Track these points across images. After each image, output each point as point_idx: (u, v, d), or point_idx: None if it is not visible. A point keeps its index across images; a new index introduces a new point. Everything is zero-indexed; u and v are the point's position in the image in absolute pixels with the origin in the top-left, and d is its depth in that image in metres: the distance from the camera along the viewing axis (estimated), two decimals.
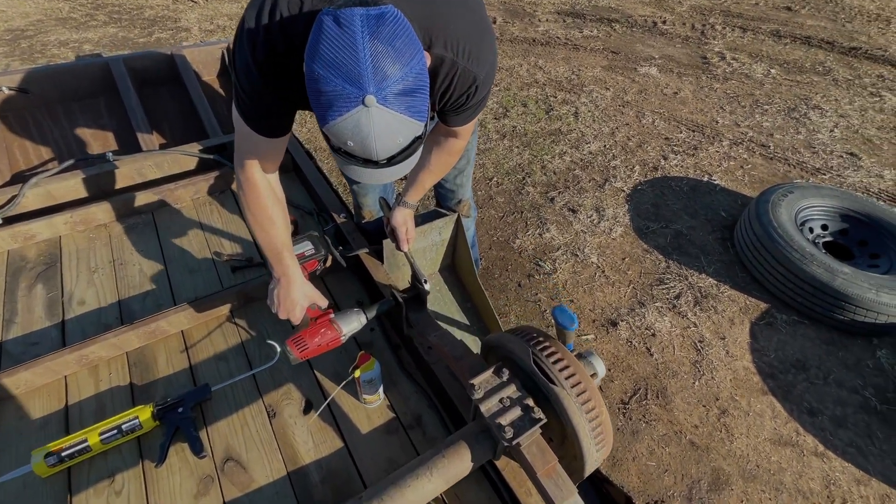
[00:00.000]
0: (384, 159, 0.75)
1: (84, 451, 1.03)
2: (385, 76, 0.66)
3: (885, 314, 1.95)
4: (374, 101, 0.66)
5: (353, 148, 0.72)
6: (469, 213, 1.71)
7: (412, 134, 0.74)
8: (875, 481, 1.63)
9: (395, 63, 0.67)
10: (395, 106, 0.68)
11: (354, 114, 0.67)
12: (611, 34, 4.94)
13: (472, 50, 0.93)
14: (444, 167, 1.29)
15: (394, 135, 0.71)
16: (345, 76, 0.66)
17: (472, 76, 0.95)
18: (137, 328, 1.25)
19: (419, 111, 0.72)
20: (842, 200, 2.44)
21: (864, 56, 4.43)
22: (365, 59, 0.65)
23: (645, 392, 1.87)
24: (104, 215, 1.64)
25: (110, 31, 4.79)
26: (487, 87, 1.02)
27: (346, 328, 1.14)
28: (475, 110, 1.07)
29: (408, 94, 0.69)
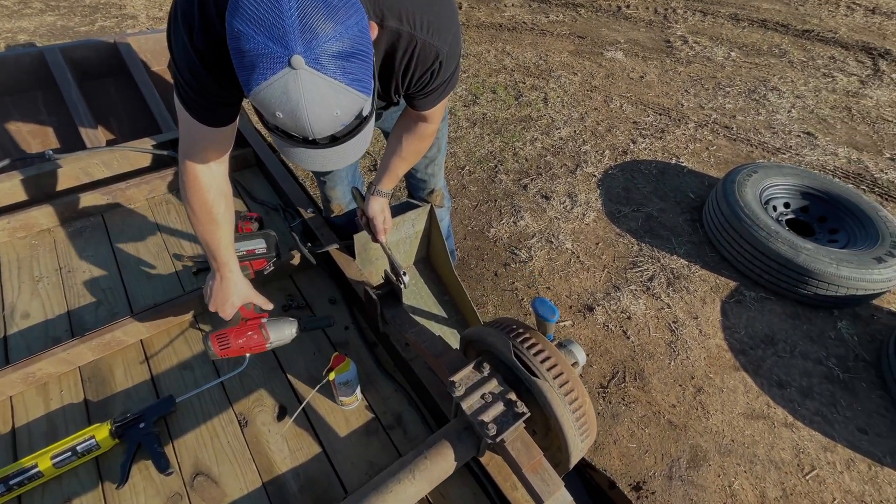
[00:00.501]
0: (325, 138, 0.68)
1: (35, 478, 0.95)
2: (315, 34, 0.58)
3: (845, 287, 2.03)
4: (303, 63, 0.58)
5: (285, 122, 0.64)
6: (442, 202, 1.67)
7: (353, 108, 0.66)
8: (840, 447, 1.71)
9: (328, 20, 0.59)
10: (329, 70, 0.60)
11: (281, 77, 0.59)
12: (576, 19, 4.94)
13: (430, 21, 0.86)
14: (416, 153, 1.23)
15: (329, 106, 0.63)
16: (268, 33, 0.58)
17: (433, 50, 0.89)
18: (90, 340, 1.16)
19: (360, 80, 0.64)
20: (802, 179, 2.53)
21: (817, 38, 4.59)
22: (291, 14, 0.57)
23: (623, 375, 1.89)
24: (47, 219, 1.51)
25: (48, 19, 4.44)
26: (454, 63, 0.96)
27: (273, 336, 1.10)
28: (443, 91, 1.01)
29: (344, 57, 0.61)
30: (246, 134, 1.81)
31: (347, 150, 0.73)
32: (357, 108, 0.67)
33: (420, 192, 1.61)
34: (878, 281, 2.00)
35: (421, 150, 1.22)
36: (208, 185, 0.98)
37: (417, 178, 1.58)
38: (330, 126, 0.66)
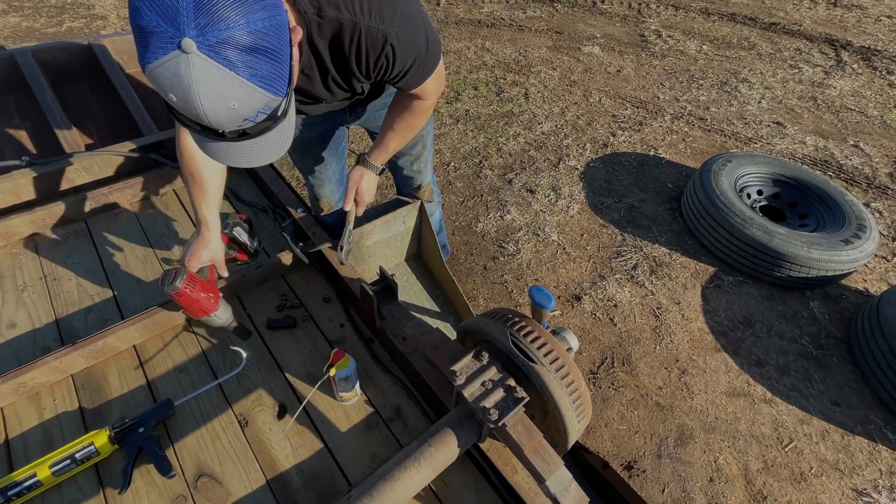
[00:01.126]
0: (232, 132, 0.67)
1: (34, 487, 0.94)
2: (212, 20, 0.56)
3: (816, 268, 2.14)
4: (194, 47, 0.56)
5: (180, 105, 0.62)
6: (431, 197, 1.69)
7: (254, 104, 0.63)
8: (815, 419, 1.81)
9: (230, 8, 0.57)
10: (225, 60, 0.58)
11: (171, 59, 0.57)
12: (553, 14, 5.00)
13: (371, 4, 0.83)
14: (409, 128, 1.20)
15: (224, 97, 0.60)
16: (161, 11, 0.56)
17: (379, 34, 0.85)
18: (82, 348, 1.14)
19: (264, 78, 0.62)
20: (773, 167, 2.63)
21: (783, 31, 4.76)
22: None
23: (611, 360, 1.95)
24: (27, 227, 1.47)
25: (11, 20, 4.27)
26: (413, 43, 0.91)
27: (221, 311, 1.13)
28: (418, 71, 0.98)
29: (247, 50, 0.59)
30: None
31: (261, 146, 0.72)
32: (260, 105, 0.65)
33: (407, 188, 1.63)
34: (845, 262, 2.11)
35: (415, 124, 1.19)
36: (193, 151, 1.05)
37: (404, 175, 1.59)
38: (229, 119, 0.64)
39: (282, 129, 0.73)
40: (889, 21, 4.92)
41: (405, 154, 1.54)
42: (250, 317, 1.32)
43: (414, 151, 1.53)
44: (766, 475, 1.64)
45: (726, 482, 1.61)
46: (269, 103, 0.66)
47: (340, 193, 1.67)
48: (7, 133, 1.78)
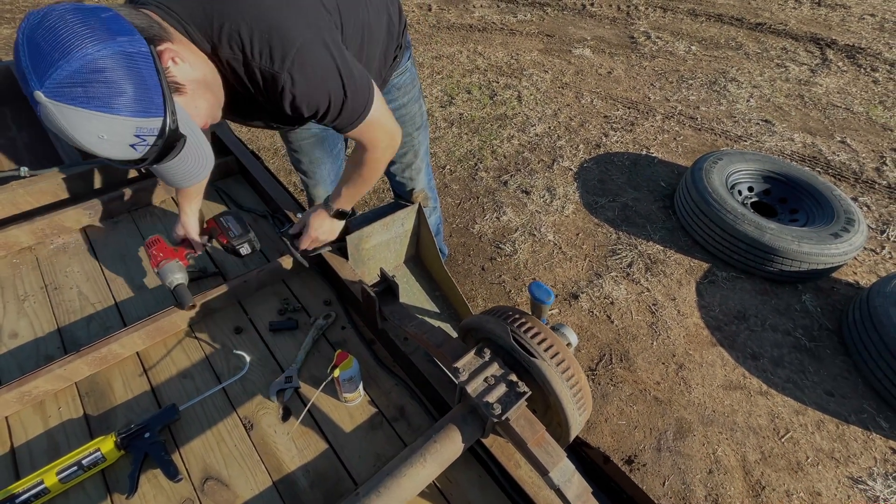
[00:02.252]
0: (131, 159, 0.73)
1: (41, 495, 0.95)
2: (46, 68, 0.63)
3: (807, 262, 2.18)
4: (44, 97, 0.63)
5: (80, 146, 0.69)
6: (427, 202, 1.71)
7: (121, 129, 0.67)
8: (811, 410, 1.84)
9: (62, 53, 0.63)
10: (70, 98, 0.63)
11: (43, 111, 0.65)
12: (544, 17, 5.06)
13: (262, 48, 0.81)
14: (361, 181, 1.19)
15: (89, 130, 0.66)
16: (21, 78, 0.65)
17: (272, 77, 0.83)
18: (86, 355, 1.15)
19: (125, 106, 0.66)
20: (763, 163, 2.68)
21: (769, 31, 4.85)
22: (24, 56, 0.63)
23: (610, 357, 1.98)
24: (27, 237, 1.48)
25: (4, 32, 4.27)
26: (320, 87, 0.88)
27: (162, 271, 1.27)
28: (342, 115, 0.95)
29: (84, 83, 0.64)
30: (228, 142, 1.81)
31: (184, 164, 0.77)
32: (132, 130, 0.69)
33: (402, 192, 1.66)
34: (835, 255, 2.15)
35: (366, 177, 1.18)
36: None
37: (396, 181, 1.63)
38: (117, 149, 0.70)
39: (193, 147, 0.77)
40: (872, 19, 5.03)
41: (396, 162, 1.56)
42: (252, 321, 1.33)
43: (405, 160, 1.55)
44: (764, 465, 1.67)
45: (725, 473, 1.64)
46: (143, 125, 0.70)
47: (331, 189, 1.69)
48: (4, 144, 1.79)
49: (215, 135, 1.82)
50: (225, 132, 1.85)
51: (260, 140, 3.23)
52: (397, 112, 1.43)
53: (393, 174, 1.59)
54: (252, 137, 3.25)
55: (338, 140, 1.57)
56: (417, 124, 1.52)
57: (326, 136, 1.50)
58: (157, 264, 1.27)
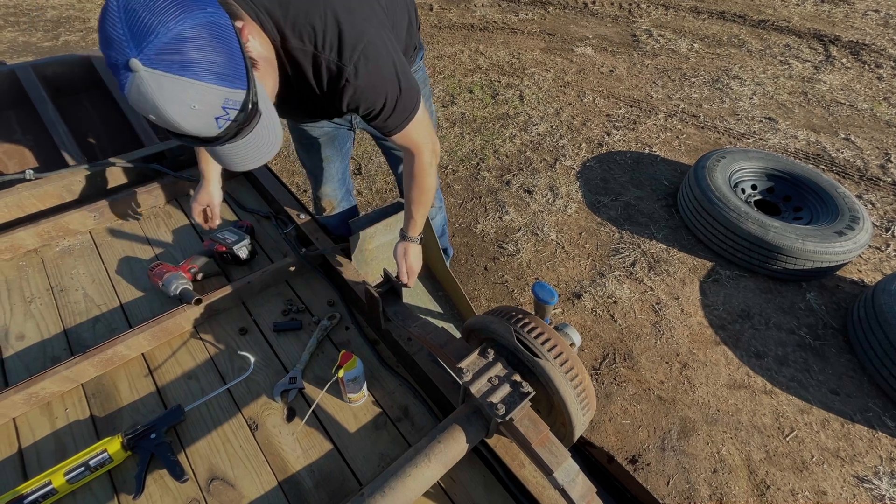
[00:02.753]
0: (212, 136, 0.72)
1: (49, 495, 0.95)
2: (145, 36, 0.62)
3: (811, 260, 2.17)
4: (140, 65, 0.62)
5: (158, 122, 0.68)
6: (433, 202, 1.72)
7: (213, 100, 0.67)
8: (815, 409, 1.83)
9: (156, 22, 0.62)
10: (168, 66, 0.63)
11: (132, 83, 0.63)
12: (545, 16, 5.05)
13: (332, 41, 0.86)
14: (422, 191, 1.22)
15: (183, 101, 0.65)
16: (110, 45, 0.63)
17: (337, 69, 0.88)
18: (92, 357, 1.16)
19: (213, 72, 0.66)
20: (766, 161, 2.67)
21: (772, 28, 4.82)
22: (122, 25, 0.62)
23: (613, 356, 1.98)
24: (33, 240, 1.49)
25: (8, 35, 4.29)
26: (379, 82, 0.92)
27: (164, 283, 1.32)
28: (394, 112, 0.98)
29: (183, 51, 0.64)
30: None
31: (253, 144, 0.76)
32: (221, 100, 0.69)
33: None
34: (840, 253, 2.14)
35: (425, 186, 1.21)
36: None
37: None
38: (202, 123, 0.69)
39: (264, 125, 0.77)
40: (876, 15, 5.00)
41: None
42: (256, 322, 1.34)
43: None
44: (769, 465, 1.66)
45: (729, 473, 1.64)
46: (230, 96, 0.69)
47: (343, 193, 1.71)
48: (10, 147, 1.80)
49: None
50: None
51: None
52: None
53: (401, 174, 1.60)
54: None
55: (347, 140, 1.58)
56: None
57: (337, 135, 1.51)
58: (160, 279, 1.32)
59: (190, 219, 1.64)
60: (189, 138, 0.73)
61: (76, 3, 5.05)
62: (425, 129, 1.10)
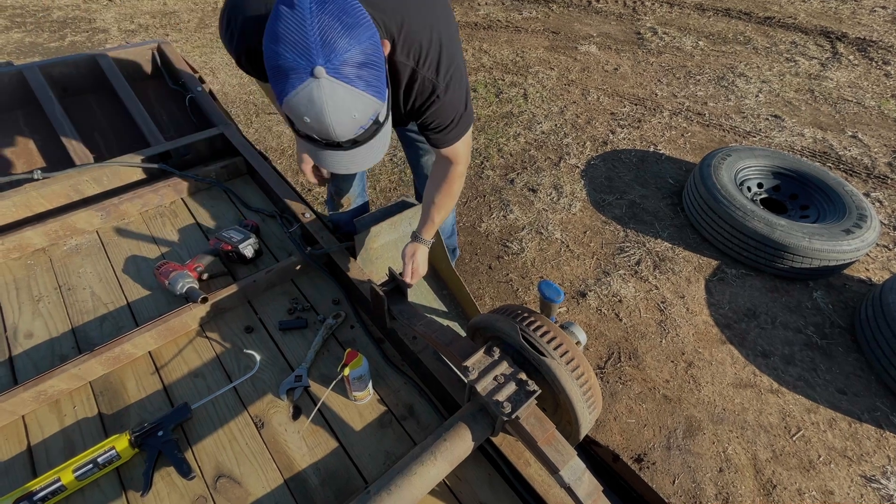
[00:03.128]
0: (346, 140, 0.77)
1: (59, 492, 0.96)
2: (333, 48, 0.68)
3: (818, 259, 2.15)
4: (324, 73, 0.68)
5: (311, 125, 0.73)
6: None
7: (369, 111, 0.75)
8: (822, 408, 1.82)
9: (343, 36, 0.69)
10: (346, 78, 0.70)
11: (306, 86, 0.69)
12: (549, 14, 5.04)
13: (432, 60, 0.96)
14: (448, 196, 1.28)
15: (348, 109, 0.72)
16: (295, 50, 0.69)
17: (431, 86, 0.99)
18: (99, 355, 1.17)
19: (373, 86, 0.74)
20: (773, 159, 2.65)
21: (778, 25, 4.79)
22: (313, 33, 0.68)
23: (618, 355, 1.97)
24: (41, 239, 1.50)
25: (14, 36, 4.32)
26: (455, 101, 1.04)
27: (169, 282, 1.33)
28: (453, 128, 1.09)
29: (359, 66, 0.71)
30: (236, 143, 1.82)
31: (367, 152, 0.82)
32: (373, 112, 0.76)
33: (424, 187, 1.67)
34: (847, 251, 2.12)
35: (452, 192, 1.27)
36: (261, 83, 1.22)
37: (424, 175, 1.66)
38: (350, 128, 0.75)
39: (382, 135, 0.85)
40: (883, 12, 4.95)
41: (429, 153, 1.61)
42: (262, 320, 1.34)
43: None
44: (775, 464, 1.65)
45: (736, 472, 1.63)
46: (377, 109, 0.78)
47: (359, 190, 1.74)
48: (18, 147, 1.81)
49: (223, 136, 1.83)
50: (233, 133, 1.86)
51: (267, 141, 3.24)
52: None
53: (422, 166, 1.64)
54: (259, 138, 3.27)
55: None
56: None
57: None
58: (167, 278, 1.33)
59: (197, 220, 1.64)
60: (315, 141, 0.79)
61: (82, 3, 5.08)
62: (469, 145, 1.21)
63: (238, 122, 3.00)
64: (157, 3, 5.09)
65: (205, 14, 4.93)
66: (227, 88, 3.75)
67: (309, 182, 1.42)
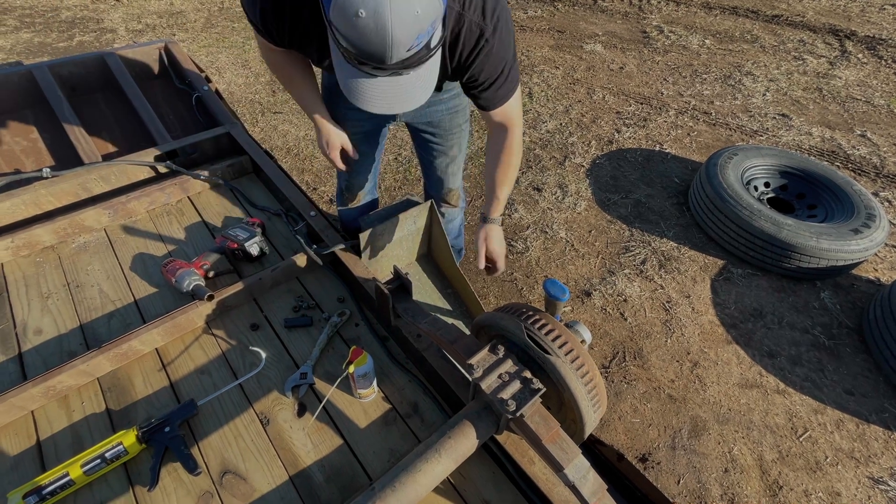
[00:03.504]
0: (396, 61, 0.72)
1: (67, 486, 0.97)
2: None
3: (826, 259, 2.14)
4: None
5: (364, 24, 0.67)
6: (458, 202, 1.73)
7: (431, 13, 0.69)
8: (829, 409, 1.80)
9: None
10: None
11: None
12: (554, 14, 5.02)
13: (477, 4, 0.92)
14: (510, 168, 1.23)
15: (412, 3, 0.67)
16: None
17: (479, 29, 0.94)
18: (108, 351, 1.18)
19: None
20: (780, 158, 2.63)
21: (786, 23, 4.75)
22: None
23: (623, 355, 1.96)
24: (50, 237, 1.52)
25: (24, 36, 4.36)
26: (505, 49, 0.99)
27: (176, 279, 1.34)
28: (502, 84, 1.04)
29: None
30: (242, 142, 1.83)
31: (413, 84, 0.78)
32: (433, 16, 0.71)
33: (437, 190, 1.65)
34: (855, 251, 2.10)
35: (514, 163, 1.22)
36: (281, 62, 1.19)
37: (436, 177, 1.63)
38: (408, 32, 0.69)
39: (431, 66, 0.79)
40: (893, 10, 4.89)
41: (442, 154, 1.58)
42: (267, 318, 1.35)
43: (451, 153, 1.57)
44: (782, 465, 1.64)
45: (741, 472, 1.62)
46: (437, 18, 0.72)
47: (370, 187, 1.73)
48: (27, 146, 1.83)
49: (229, 135, 1.84)
50: (239, 132, 1.87)
51: (272, 140, 3.26)
52: (453, 100, 1.43)
53: (435, 167, 1.60)
54: (265, 137, 3.29)
55: (384, 136, 1.59)
56: (466, 116, 1.53)
57: (376, 133, 1.53)
58: (173, 275, 1.34)
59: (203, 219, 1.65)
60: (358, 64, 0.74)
61: (90, 3, 5.12)
62: (519, 104, 1.14)
63: (244, 121, 3.01)
64: (163, 4, 5.13)
65: (211, 14, 4.95)
66: (233, 88, 3.77)
67: (336, 167, 1.38)
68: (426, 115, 1.45)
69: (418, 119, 1.49)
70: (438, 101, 1.39)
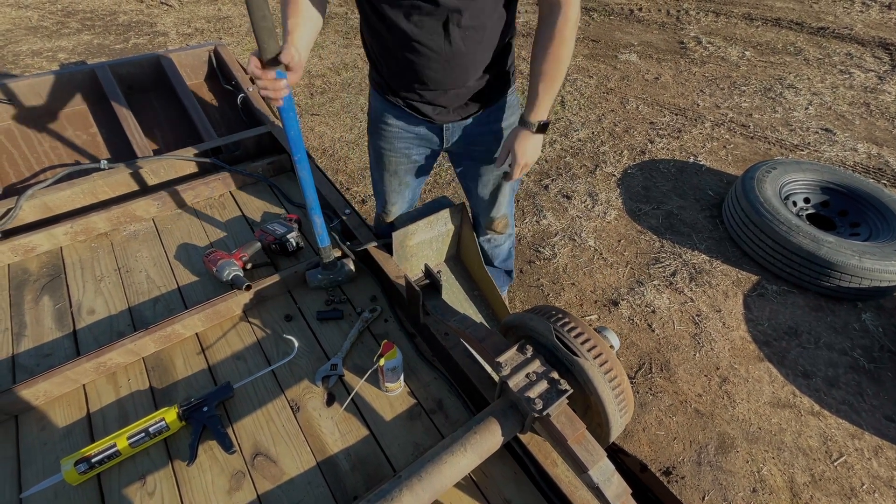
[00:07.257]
0: None
1: (114, 456, 1.04)
2: None
3: (869, 279, 2.05)
4: None
5: None
6: (504, 229, 1.69)
7: None
8: (868, 434, 1.72)
9: None
10: None
11: None
12: (589, 23, 5.01)
13: None
14: (557, 62, 1.08)
15: None
16: None
17: None
18: (153, 333, 1.25)
19: None
20: (821, 174, 2.54)
21: (832, 35, 4.59)
22: None
23: (649, 366, 1.93)
24: (104, 224, 1.62)
25: (84, 38, 4.66)
26: None
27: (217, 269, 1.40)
28: None
29: None
30: (281, 142, 1.91)
31: None
32: None
33: (483, 216, 1.62)
34: None
35: (561, 55, 1.07)
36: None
37: (485, 202, 1.56)
38: None
39: None
40: None
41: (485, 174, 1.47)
42: (301, 310, 1.40)
43: (496, 174, 1.48)
44: (814, 489, 1.58)
45: (770, 493, 1.57)
46: None
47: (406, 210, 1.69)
48: (87, 139, 1.97)
49: (270, 134, 1.93)
50: (280, 132, 1.95)
51: (309, 141, 3.37)
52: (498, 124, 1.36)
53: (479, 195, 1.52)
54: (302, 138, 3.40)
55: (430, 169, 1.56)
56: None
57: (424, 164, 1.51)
58: (214, 265, 1.41)
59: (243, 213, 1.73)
60: None
61: (145, 9, 5.43)
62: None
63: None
64: (212, 9, 5.38)
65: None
66: None
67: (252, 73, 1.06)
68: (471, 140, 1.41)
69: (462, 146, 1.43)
70: (481, 122, 1.35)
